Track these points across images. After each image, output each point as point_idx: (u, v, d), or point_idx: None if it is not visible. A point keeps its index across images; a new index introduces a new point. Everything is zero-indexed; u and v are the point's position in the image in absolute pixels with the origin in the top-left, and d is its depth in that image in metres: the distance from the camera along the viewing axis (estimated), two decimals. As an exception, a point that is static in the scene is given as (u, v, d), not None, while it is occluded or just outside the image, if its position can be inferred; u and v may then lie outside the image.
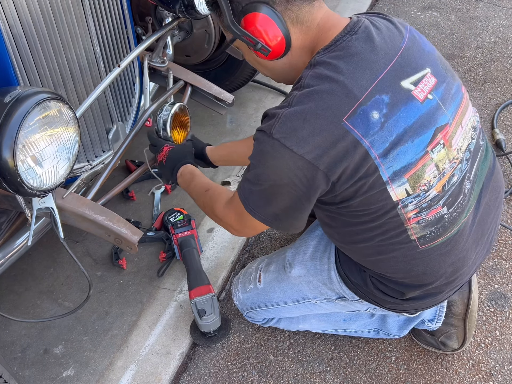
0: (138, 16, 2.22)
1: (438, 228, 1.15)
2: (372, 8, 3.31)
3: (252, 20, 1.07)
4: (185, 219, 1.88)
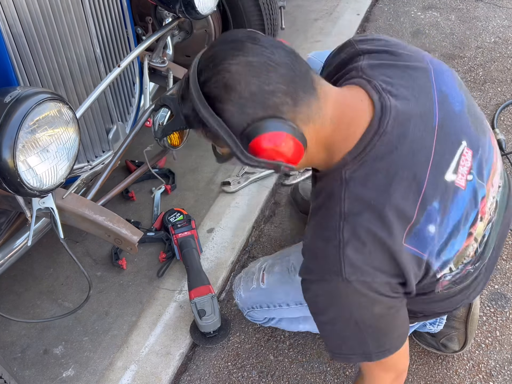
0: (138, 16, 2.22)
1: (462, 280, 1.12)
2: (372, 9, 3.31)
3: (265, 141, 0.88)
4: (185, 219, 1.88)
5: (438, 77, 1.02)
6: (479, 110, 1.10)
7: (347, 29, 3.05)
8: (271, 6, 2.14)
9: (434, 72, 1.02)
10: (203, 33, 2.21)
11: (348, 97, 0.97)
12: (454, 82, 1.05)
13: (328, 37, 2.99)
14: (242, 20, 2.13)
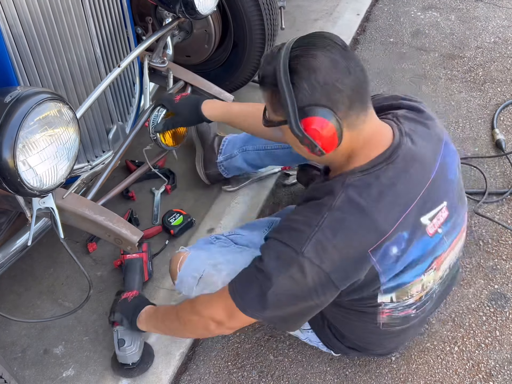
0: (138, 16, 2.22)
1: (403, 321, 1.30)
2: (372, 9, 3.31)
3: (316, 124, 1.04)
4: (184, 220, 1.88)
5: (446, 149, 1.23)
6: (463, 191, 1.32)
7: (347, 29, 3.04)
8: (271, 6, 2.13)
9: (445, 144, 1.23)
10: (203, 33, 2.21)
11: (382, 128, 1.16)
12: (454, 160, 1.26)
13: (328, 37, 2.98)
14: (242, 20, 2.13)
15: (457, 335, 1.62)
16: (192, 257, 1.52)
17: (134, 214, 1.96)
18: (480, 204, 1.99)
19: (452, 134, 2.34)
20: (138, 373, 1.51)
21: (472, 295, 1.72)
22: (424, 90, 2.61)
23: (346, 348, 1.46)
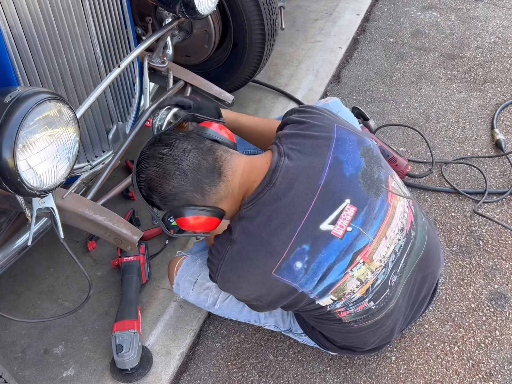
0: (138, 16, 2.22)
1: (367, 315, 1.31)
2: (372, 9, 3.31)
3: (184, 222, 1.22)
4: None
5: (339, 145, 1.24)
6: (384, 174, 1.28)
7: (347, 29, 3.05)
8: (271, 6, 2.14)
9: (336, 141, 1.25)
10: (203, 33, 2.21)
11: (256, 162, 1.25)
12: (356, 150, 1.26)
13: (328, 37, 2.99)
14: (242, 20, 2.13)
15: (457, 335, 1.62)
16: (188, 261, 1.56)
17: (135, 214, 1.96)
18: (480, 204, 1.99)
19: (452, 134, 2.34)
20: (137, 378, 1.51)
21: (472, 295, 1.72)
22: (424, 90, 2.61)
23: (339, 348, 1.48)
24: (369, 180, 1.24)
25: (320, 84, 2.64)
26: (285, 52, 2.87)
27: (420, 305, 1.49)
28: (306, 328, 1.49)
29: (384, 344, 1.50)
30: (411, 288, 1.39)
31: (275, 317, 1.53)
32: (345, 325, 1.33)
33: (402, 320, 1.43)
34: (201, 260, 1.57)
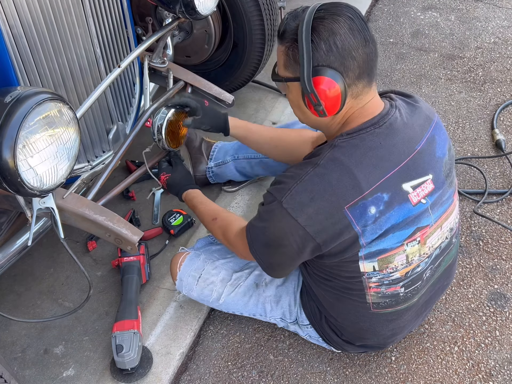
0: (138, 17, 2.22)
1: (392, 301, 1.31)
2: (372, 9, 3.31)
3: (324, 82, 1.10)
4: (184, 220, 1.88)
5: (437, 129, 1.28)
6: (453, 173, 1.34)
7: (347, 30, 3.04)
8: (271, 7, 2.14)
9: (436, 124, 1.28)
10: (203, 33, 2.22)
11: (378, 101, 1.22)
12: (446, 141, 1.30)
13: (328, 37, 2.98)
14: (242, 20, 2.13)
15: (457, 335, 1.62)
16: (192, 257, 1.55)
17: (135, 214, 1.96)
18: (480, 204, 1.99)
19: (452, 134, 2.34)
20: (137, 378, 1.51)
21: (472, 295, 1.72)
22: (424, 90, 2.61)
23: (344, 342, 1.46)
24: (448, 171, 1.29)
25: (320, 84, 2.64)
26: (285, 52, 2.87)
27: (427, 311, 1.51)
28: (312, 318, 1.47)
29: (388, 343, 1.49)
30: (432, 292, 1.42)
31: (282, 308, 1.51)
32: (365, 306, 1.31)
33: (413, 322, 1.45)
34: (204, 255, 1.56)
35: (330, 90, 1.10)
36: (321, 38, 1.09)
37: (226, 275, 1.53)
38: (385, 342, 1.47)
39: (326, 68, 1.10)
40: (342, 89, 1.11)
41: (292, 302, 1.51)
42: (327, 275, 1.32)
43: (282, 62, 1.20)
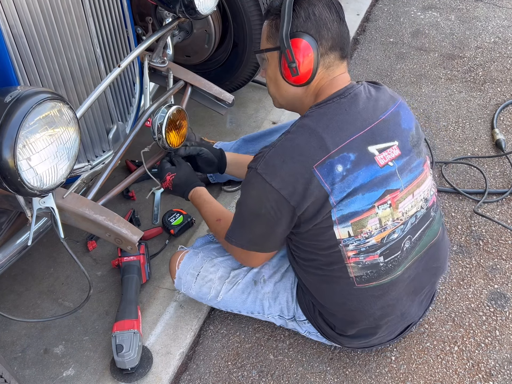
0: (138, 16, 2.22)
1: (374, 272, 1.32)
2: (372, 9, 3.31)
3: (300, 45, 1.22)
4: (184, 220, 1.89)
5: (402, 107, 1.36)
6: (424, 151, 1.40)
7: (347, 29, 3.05)
8: (271, 6, 2.14)
9: (401, 104, 1.37)
10: (203, 33, 2.22)
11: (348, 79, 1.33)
12: (412, 119, 1.38)
13: (328, 37, 2.99)
14: (242, 20, 2.13)
15: (457, 335, 1.62)
16: (190, 255, 1.56)
17: (135, 214, 1.96)
18: (480, 204, 1.99)
19: (452, 134, 2.34)
20: (137, 377, 1.51)
21: (472, 294, 1.72)
22: (424, 90, 2.61)
23: (337, 335, 1.46)
24: (416, 143, 1.35)
25: (320, 84, 2.64)
26: (285, 52, 2.87)
27: (422, 300, 1.49)
28: (308, 313, 1.48)
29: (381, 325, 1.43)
30: (419, 270, 1.41)
31: (280, 305, 1.51)
32: (349, 282, 1.32)
33: (405, 302, 1.41)
34: (203, 253, 1.57)
35: (305, 51, 1.22)
36: (301, 7, 1.22)
37: (225, 273, 1.53)
38: (376, 324, 1.41)
39: (303, 33, 1.22)
40: (315, 55, 1.23)
41: (289, 298, 1.51)
42: (308, 254, 1.35)
43: (265, 35, 1.32)
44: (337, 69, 1.29)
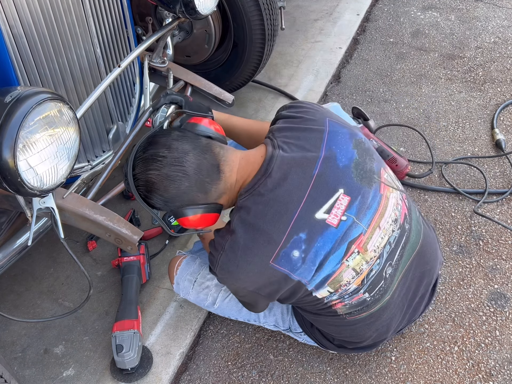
0: (138, 16, 2.22)
1: (362, 307, 1.31)
2: (372, 9, 3.31)
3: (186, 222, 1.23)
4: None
5: (332, 138, 1.26)
6: (376, 166, 1.30)
7: (347, 29, 3.05)
8: (271, 6, 2.14)
9: (329, 134, 1.26)
10: (203, 33, 2.22)
11: (250, 156, 1.26)
12: (349, 142, 1.27)
13: (328, 37, 2.99)
14: (242, 20, 2.13)
15: (457, 335, 1.62)
16: (188, 261, 1.56)
17: (135, 214, 1.96)
18: (480, 204, 1.99)
19: (452, 134, 2.34)
20: (137, 377, 1.51)
21: (472, 295, 1.72)
22: (424, 90, 2.61)
23: (336, 347, 1.48)
24: (362, 171, 1.25)
25: (320, 84, 2.64)
26: (285, 52, 2.88)
27: (418, 303, 1.48)
28: (304, 326, 1.49)
29: (381, 341, 1.47)
30: (408, 282, 1.39)
31: (274, 316, 1.53)
32: (340, 318, 1.33)
33: (399, 316, 1.42)
34: (201, 259, 1.57)
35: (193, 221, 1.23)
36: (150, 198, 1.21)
37: None
38: (375, 342, 1.46)
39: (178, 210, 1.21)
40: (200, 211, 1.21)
41: (284, 310, 1.52)
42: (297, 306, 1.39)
43: None
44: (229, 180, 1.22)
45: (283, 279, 1.20)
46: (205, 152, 1.21)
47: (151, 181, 1.18)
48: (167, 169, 1.17)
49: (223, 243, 1.21)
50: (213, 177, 1.20)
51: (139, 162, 1.21)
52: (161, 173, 1.17)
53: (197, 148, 1.21)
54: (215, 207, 1.24)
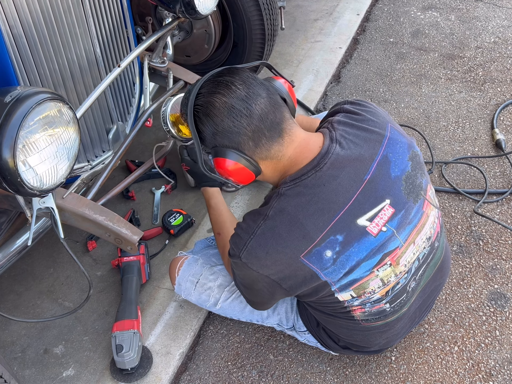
0: (138, 16, 2.22)
1: (380, 316, 1.31)
2: (372, 9, 3.31)
3: (222, 164, 1.18)
4: (184, 220, 1.88)
5: (390, 144, 1.22)
6: (425, 182, 1.28)
7: (347, 29, 3.05)
8: (271, 6, 2.14)
9: (389, 140, 1.23)
10: (203, 33, 2.22)
11: (311, 141, 1.21)
12: (406, 153, 1.25)
13: (328, 37, 2.99)
14: (242, 20, 2.13)
15: (457, 335, 1.62)
16: (190, 261, 1.56)
17: (135, 214, 1.96)
18: (480, 204, 1.99)
19: (452, 134, 2.34)
20: (137, 378, 1.51)
21: (472, 295, 1.72)
22: (424, 90, 2.61)
23: (341, 348, 1.47)
24: (411, 185, 1.23)
25: (320, 84, 2.64)
26: (285, 52, 2.88)
27: (424, 312, 1.50)
28: (309, 325, 1.48)
29: (386, 348, 1.50)
30: (425, 296, 1.41)
31: (279, 315, 1.52)
32: (355, 322, 1.32)
33: (409, 326, 1.44)
34: (202, 260, 1.57)
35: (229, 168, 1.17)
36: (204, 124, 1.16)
37: (224, 281, 1.53)
38: (381, 348, 1.48)
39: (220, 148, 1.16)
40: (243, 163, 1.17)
41: (289, 308, 1.52)
42: (313, 304, 1.35)
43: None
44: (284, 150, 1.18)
45: (309, 275, 1.17)
46: (277, 108, 1.17)
47: (213, 104, 1.14)
48: (235, 101, 1.12)
49: (254, 227, 1.16)
50: (272, 134, 1.15)
51: (210, 83, 1.17)
52: (227, 100, 1.13)
53: (271, 100, 1.16)
54: (256, 167, 1.19)
